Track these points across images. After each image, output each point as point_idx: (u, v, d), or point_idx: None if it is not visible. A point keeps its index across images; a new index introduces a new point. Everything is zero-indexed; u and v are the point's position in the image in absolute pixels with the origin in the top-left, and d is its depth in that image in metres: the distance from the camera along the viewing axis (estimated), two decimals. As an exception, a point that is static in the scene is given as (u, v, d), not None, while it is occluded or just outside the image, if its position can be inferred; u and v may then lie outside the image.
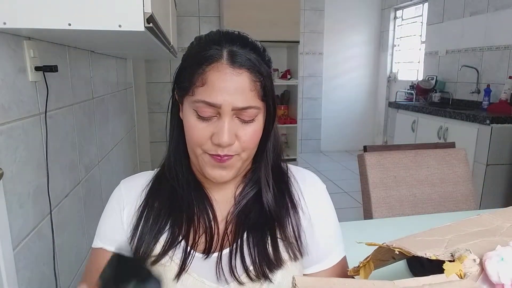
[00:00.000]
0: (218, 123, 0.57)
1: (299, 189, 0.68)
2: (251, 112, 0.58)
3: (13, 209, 0.90)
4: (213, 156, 0.58)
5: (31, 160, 1.02)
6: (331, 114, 4.96)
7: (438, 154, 1.45)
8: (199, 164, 0.61)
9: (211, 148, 0.58)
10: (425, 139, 3.04)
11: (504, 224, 0.54)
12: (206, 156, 0.59)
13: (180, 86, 0.60)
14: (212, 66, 0.56)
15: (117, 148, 2.14)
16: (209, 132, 0.58)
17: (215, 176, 0.60)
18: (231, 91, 0.55)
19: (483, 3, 3.12)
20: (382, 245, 0.48)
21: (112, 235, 0.65)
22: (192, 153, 0.62)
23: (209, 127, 0.57)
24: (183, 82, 0.59)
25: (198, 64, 0.57)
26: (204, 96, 0.56)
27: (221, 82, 0.55)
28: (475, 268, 0.43)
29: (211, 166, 0.60)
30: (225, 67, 0.56)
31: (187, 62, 0.60)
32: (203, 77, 0.56)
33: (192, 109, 0.58)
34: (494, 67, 3.04)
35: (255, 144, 0.62)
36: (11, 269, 0.87)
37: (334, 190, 3.54)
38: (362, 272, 0.52)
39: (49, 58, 1.16)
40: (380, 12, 4.88)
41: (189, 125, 0.59)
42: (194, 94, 0.57)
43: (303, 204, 0.67)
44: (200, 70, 0.57)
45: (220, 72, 0.56)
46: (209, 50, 0.57)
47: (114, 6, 0.86)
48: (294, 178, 0.69)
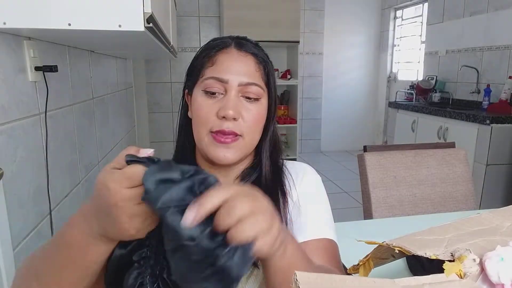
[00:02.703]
0: (224, 98, 0.62)
1: (292, 180, 0.70)
2: (256, 90, 0.63)
3: (13, 209, 0.90)
4: (216, 134, 0.61)
5: (31, 160, 1.02)
6: (331, 114, 4.96)
7: (438, 154, 1.44)
8: (203, 149, 0.63)
9: (216, 124, 0.61)
10: (425, 139, 3.04)
11: (504, 223, 0.54)
12: (210, 137, 0.62)
13: (191, 77, 0.66)
14: (221, 50, 0.64)
15: (117, 148, 2.14)
16: (216, 108, 0.61)
17: (218, 156, 0.62)
18: (238, 69, 0.62)
19: (483, 3, 3.12)
20: (382, 244, 0.48)
21: None
22: (198, 138, 0.64)
23: (215, 103, 0.62)
24: (194, 71, 0.66)
25: (208, 51, 0.65)
26: (213, 73, 0.62)
27: (229, 61, 0.63)
28: (475, 268, 0.43)
29: (215, 146, 0.62)
30: (233, 50, 0.64)
31: (199, 55, 0.67)
32: (212, 59, 0.63)
33: (201, 90, 0.63)
34: (494, 67, 3.04)
35: (258, 127, 0.66)
36: (11, 269, 0.87)
37: (334, 190, 3.54)
38: (362, 270, 0.52)
39: (49, 58, 1.16)
40: (380, 12, 4.88)
41: (197, 105, 0.63)
42: (204, 75, 0.63)
43: (295, 194, 0.68)
44: (209, 55, 0.64)
45: (228, 54, 0.63)
46: (218, 40, 0.66)
47: (114, 6, 0.87)
48: (288, 172, 0.72)
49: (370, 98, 5.09)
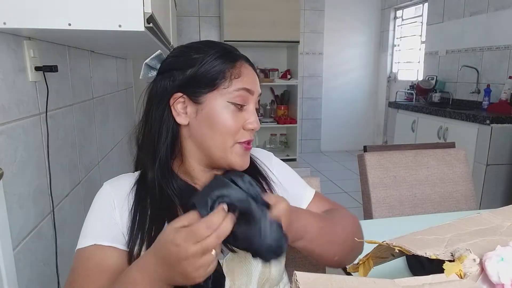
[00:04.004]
0: (248, 110, 0.66)
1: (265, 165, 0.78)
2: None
3: (13, 209, 0.90)
4: (244, 143, 0.66)
5: (31, 160, 1.02)
6: (331, 114, 4.96)
7: (438, 154, 1.44)
8: (226, 157, 0.65)
9: (243, 136, 0.66)
10: (425, 139, 3.04)
11: (504, 223, 0.54)
12: (237, 147, 0.66)
13: (202, 84, 0.64)
14: (240, 62, 0.66)
15: (117, 148, 2.14)
16: (243, 120, 0.65)
17: (243, 164, 0.67)
18: (256, 81, 0.68)
19: (483, 3, 3.12)
20: (382, 243, 0.48)
21: (109, 231, 0.64)
22: (220, 148, 0.65)
23: (241, 116, 0.65)
24: (208, 79, 0.64)
25: (225, 60, 0.65)
26: (244, 84, 0.64)
27: (252, 75, 0.67)
28: (475, 268, 0.43)
29: (241, 156, 0.66)
30: (246, 64, 0.67)
31: (207, 65, 0.64)
32: (238, 71, 0.65)
33: (227, 102, 0.64)
34: (494, 67, 3.04)
35: None
36: (11, 269, 0.87)
37: (334, 190, 3.54)
38: (362, 269, 0.53)
39: (49, 58, 1.16)
40: (380, 12, 4.88)
41: (225, 117, 0.64)
42: (231, 85, 0.64)
43: (273, 176, 0.76)
44: (231, 65, 0.65)
45: (247, 67, 0.67)
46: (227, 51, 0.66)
47: (114, 6, 0.87)
48: (257, 158, 0.78)
49: (370, 98, 5.09)
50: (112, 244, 0.62)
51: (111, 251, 0.62)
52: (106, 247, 0.62)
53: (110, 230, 0.64)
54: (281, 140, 4.49)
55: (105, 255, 0.61)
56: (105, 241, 0.62)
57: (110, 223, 0.64)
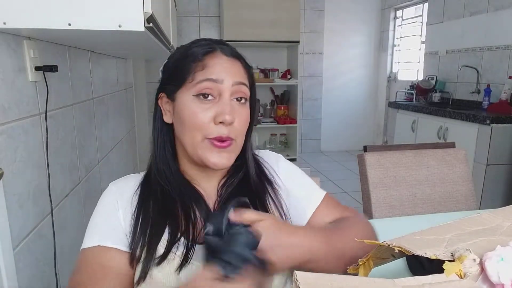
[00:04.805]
0: (220, 103, 0.62)
1: (272, 168, 0.76)
2: (245, 90, 0.65)
3: (13, 209, 0.91)
4: (214, 140, 0.62)
5: (31, 160, 1.02)
6: (331, 114, 4.96)
7: (438, 154, 1.44)
8: (198, 155, 0.63)
9: (213, 131, 0.62)
10: (425, 139, 3.04)
11: (504, 223, 0.54)
12: (206, 142, 0.62)
13: (174, 82, 0.65)
14: (209, 55, 0.63)
15: (117, 148, 2.14)
16: (211, 113, 0.62)
17: (216, 162, 0.63)
18: (229, 70, 0.63)
19: (483, 3, 3.12)
20: (382, 243, 0.48)
21: (113, 232, 0.64)
22: (192, 144, 0.64)
23: (210, 109, 0.62)
24: (177, 76, 0.64)
25: (193, 57, 0.63)
26: (206, 75, 0.62)
27: (220, 64, 0.63)
28: (475, 268, 0.43)
29: (212, 152, 0.63)
30: (220, 55, 0.64)
31: (179, 62, 0.65)
32: (202, 63, 0.62)
33: (192, 96, 0.62)
34: (494, 67, 3.04)
35: (245, 129, 0.67)
36: (11, 269, 0.87)
37: (334, 190, 3.54)
38: (362, 270, 0.52)
39: (49, 58, 1.16)
40: (380, 12, 4.88)
41: (189, 110, 0.62)
42: (194, 79, 0.62)
43: (279, 180, 0.74)
44: (197, 59, 0.63)
45: (217, 58, 0.63)
46: (200, 46, 0.64)
47: (114, 6, 0.87)
48: (264, 161, 0.76)
49: (370, 98, 5.09)
50: (116, 245, 0.62)
51: (114, 253, 0.62)
52: (110, 249, 0.62)
53: (114, 231, 0.64)
54: (281, 140, 4.50)
55: (109, 256, 0.62)
56: (109, 242, 0.63)
57: (114, 224, 0.65)
